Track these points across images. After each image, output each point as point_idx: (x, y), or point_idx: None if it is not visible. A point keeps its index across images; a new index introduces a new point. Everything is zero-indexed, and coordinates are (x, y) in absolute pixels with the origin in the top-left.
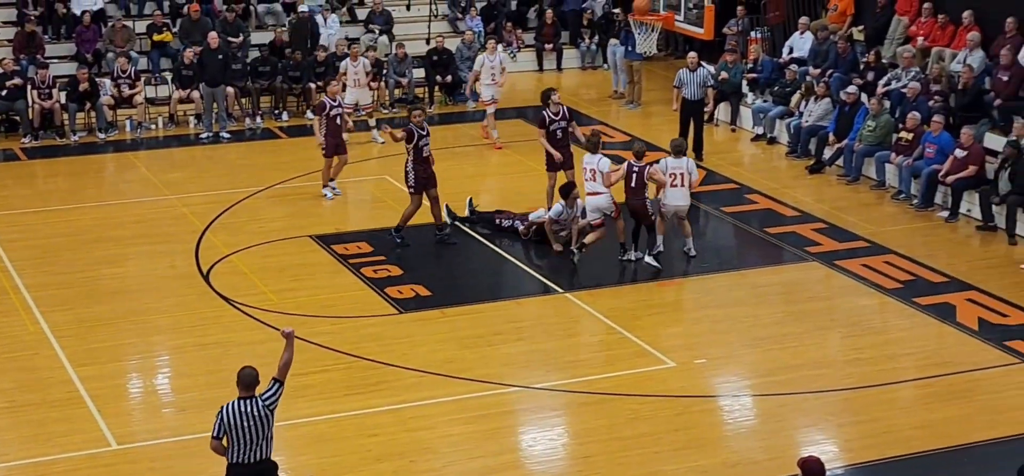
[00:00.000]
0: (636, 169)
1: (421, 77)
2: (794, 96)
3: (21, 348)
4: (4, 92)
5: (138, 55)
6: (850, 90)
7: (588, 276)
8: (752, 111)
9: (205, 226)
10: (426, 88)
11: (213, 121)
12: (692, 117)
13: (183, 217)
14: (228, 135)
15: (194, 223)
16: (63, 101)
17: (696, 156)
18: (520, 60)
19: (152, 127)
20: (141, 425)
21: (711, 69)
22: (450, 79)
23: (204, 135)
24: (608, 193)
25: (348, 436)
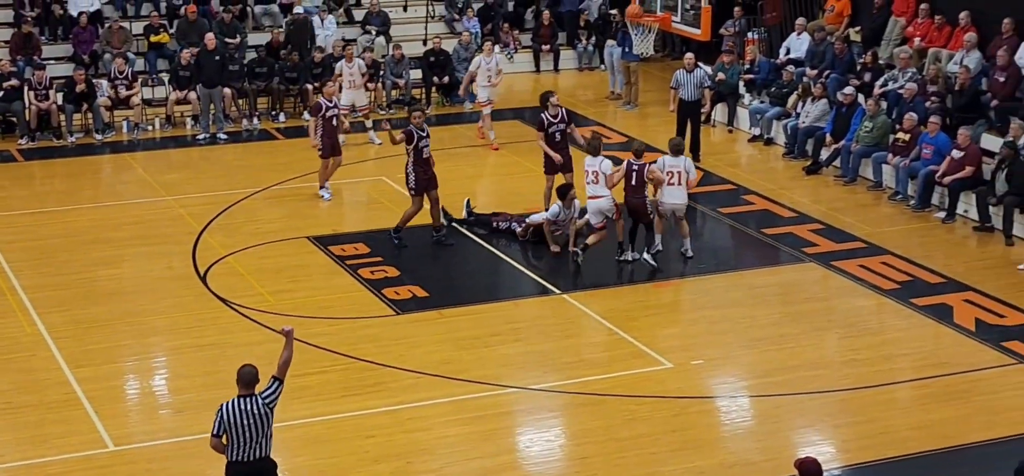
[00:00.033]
0: (636, 168)
1: (418, 78)
2: (791, 97)
3: (18, 349)
4: (1, 93)
5: (135, 56)
6: (847, 91)
7: (586, 277)
8: (749, 112)
9: (202, 227)
10: (423, 89)
11: (210, 122)
12: (689, 118)
13: (180, 218)
14: (225, 136)
15: (191, 224)
16: (60, 102)
17: (693, 157)
18: (517, 61)
19: (149, 128)
20: (138, 426)
21: (708, 70)
22: (447, 80)
23: (201, 136)
24: (610, 196)
25: (345, 437)
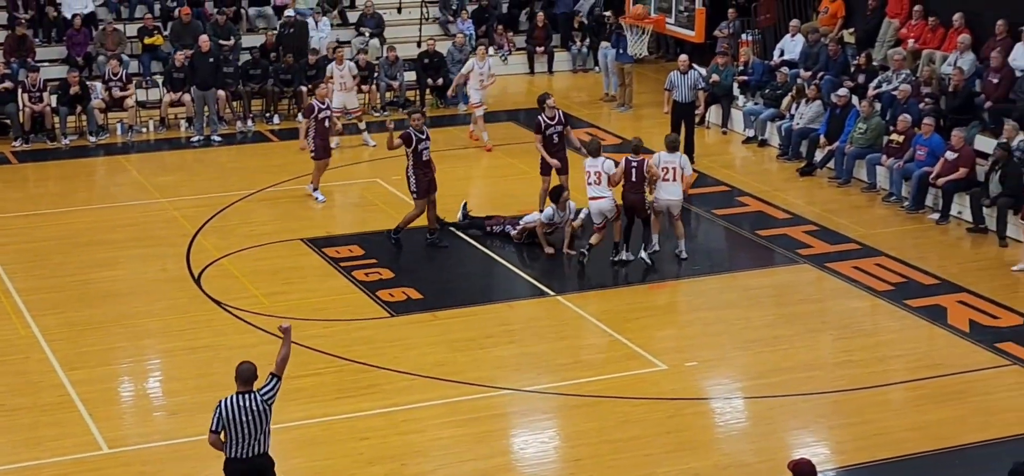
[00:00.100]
0: (635, 164)
1: (412, 80)
2: (785, 99)
3: (12, 352)
4: None
5: (129, 58)
6: (841, 92)
7: (580, 279)
8: (743, 113)
9: (196, 229)
10: (417, 91)
11: (204, 124)
12: (683, 120)
13: (174, 220)
14: (219, 138)
15: (185, 226)
16: (54, 104)
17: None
18: (511, 63)
19: (143, 130)
20: (132, 429)
21: (702, 72)
22: (441, 82)
23: (195, 138)
24: (611, 197)
25: (339, 439)
